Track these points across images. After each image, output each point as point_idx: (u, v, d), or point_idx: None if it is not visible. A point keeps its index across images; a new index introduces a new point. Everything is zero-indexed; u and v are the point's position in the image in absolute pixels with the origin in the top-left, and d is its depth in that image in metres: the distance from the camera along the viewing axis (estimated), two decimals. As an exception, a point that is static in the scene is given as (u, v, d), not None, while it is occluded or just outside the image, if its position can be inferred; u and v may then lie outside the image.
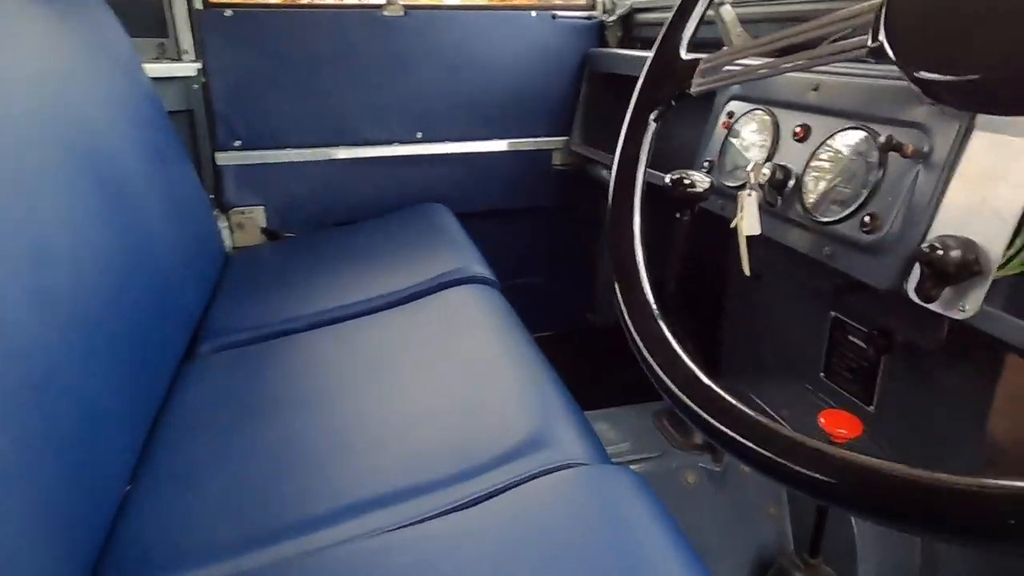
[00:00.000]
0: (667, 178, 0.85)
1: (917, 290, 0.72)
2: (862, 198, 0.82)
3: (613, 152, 1.69)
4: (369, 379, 0.91)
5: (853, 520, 0.98)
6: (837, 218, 0.85)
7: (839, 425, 0.90)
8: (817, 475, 0.37)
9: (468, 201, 1.74)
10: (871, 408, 1.08)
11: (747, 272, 0.94)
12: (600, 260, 1.97)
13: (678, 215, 0.90)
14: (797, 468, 0.38)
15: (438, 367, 0.90)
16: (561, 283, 1.96)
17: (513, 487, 0.65)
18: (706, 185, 0.81)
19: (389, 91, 1.62)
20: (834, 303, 1.13)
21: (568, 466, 0.66)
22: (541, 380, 0.82)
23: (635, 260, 0.50)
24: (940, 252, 0.68)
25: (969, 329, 0.87)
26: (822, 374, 1.18)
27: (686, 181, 0.83)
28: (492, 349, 0.93)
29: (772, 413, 1.14)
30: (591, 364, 1.90)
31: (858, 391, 1.10)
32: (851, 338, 1.10)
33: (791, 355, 1.25)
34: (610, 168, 1.70)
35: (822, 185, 0.89)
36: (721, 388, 0.48)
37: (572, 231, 1.92)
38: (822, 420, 0.90)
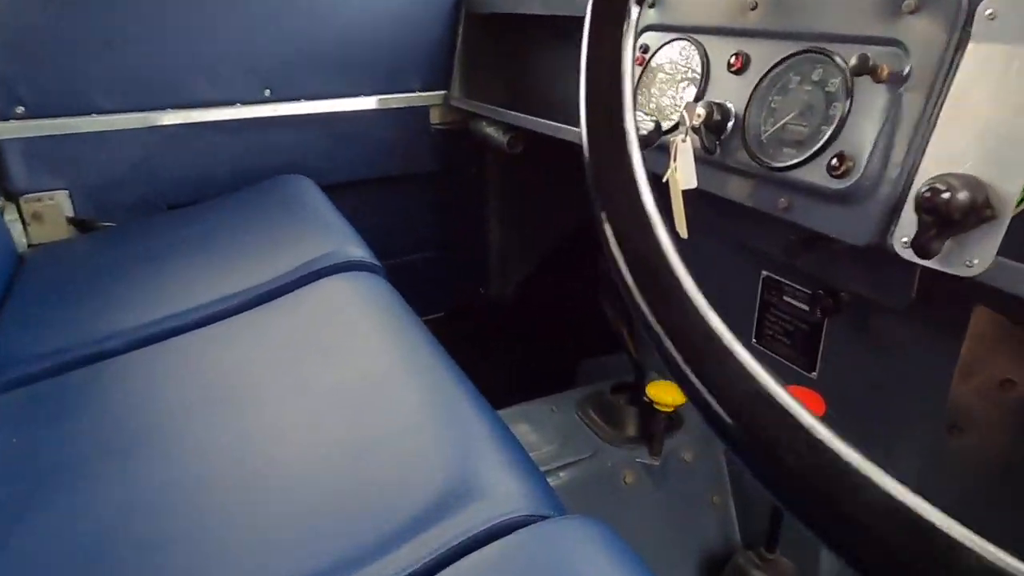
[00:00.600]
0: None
1: (914, 244, 0.58)
2: (825, 136, 0.68)
3: (500, 104, 1.48)
4: (221, 415, 0.67)
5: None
6: (794, 162, 0.70)
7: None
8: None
9: (334, 171, 1.48)
10: (813, 375, 0.97)
11: (684, 234, 0.78)
12: (491, 227, 1.78)
13: (614, 168, 0.72)
14: None
15: (315, 390, 0.67)
16: (450, 257, 1.75)
17: (438, 568, 0.45)
18: (650, 127, 0.63)
19: (225, 38, 1.31)
20: (766, 261, 1.01)
21: (512, 525, 0.48)
22: (455, 397, 0.62)
23: (656, 242, 0.31)
24: (946, 195, 0.55)
25: (938, 283, 0.77)
26: (754, 340, 1.07)
27: (626, 122, 0.64)
28: (386, 357, 0.71)
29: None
30: (493, 346, 1.72)
31: (797, 357, 0.99)
32: (787, 299, 0.99)
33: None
34: (498, 123, 1.49)
35: (771, 124, 0.74)
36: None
37: (458, 198, 1.71)
38: (779, 400, 0.78)
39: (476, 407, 0.60)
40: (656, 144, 0.73)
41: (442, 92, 1.55)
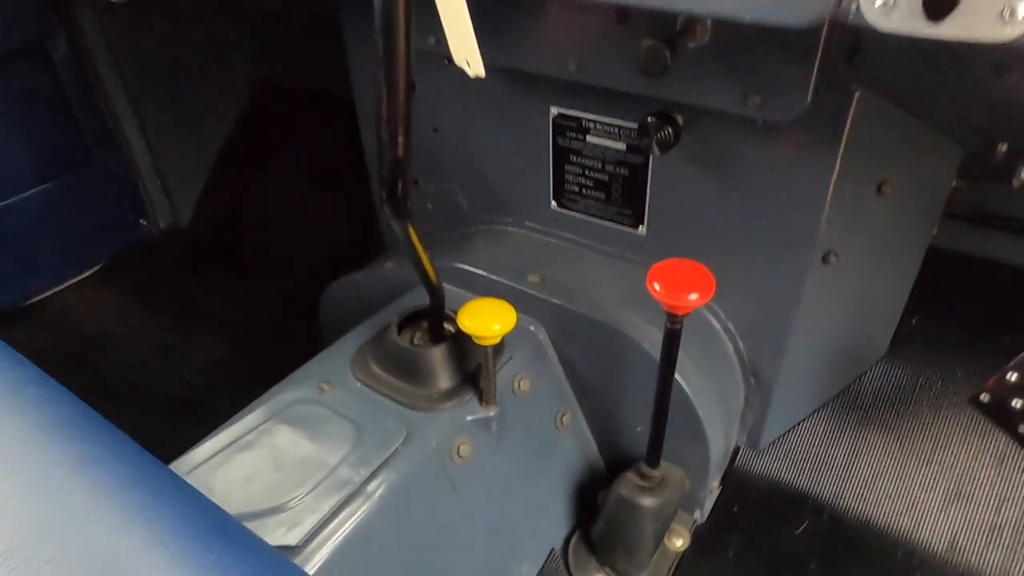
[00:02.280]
0: None
1: (930, -1, 0.33)
2: None
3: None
4: None
5: (695, 404, 0.69)
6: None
7: (685, 286, 0.54)
8: None
9: None
10: (641, 230, 0.76)
11: (479, 72, 0.46)
12: (125, 128, 1.20)
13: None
14: None
15: None
16: (74, 188, 1.16)
17: None
18: None
19: None
20: (552, 94, 0.72)
21: None
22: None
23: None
24: None
25: (819, 74, 0.56)
26: (553, 203, 0.81)
27: None
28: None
29: (512, 284, 0.75)
30: (184, 300, 1.23)
31: (617, 212, 0.76)
32: (594, 140, 0.73)
33: (499, 189, 0.85)
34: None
35: None
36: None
37: (50, 94, 1.10)
38: (656, 286, 0.53)
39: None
40: None
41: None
